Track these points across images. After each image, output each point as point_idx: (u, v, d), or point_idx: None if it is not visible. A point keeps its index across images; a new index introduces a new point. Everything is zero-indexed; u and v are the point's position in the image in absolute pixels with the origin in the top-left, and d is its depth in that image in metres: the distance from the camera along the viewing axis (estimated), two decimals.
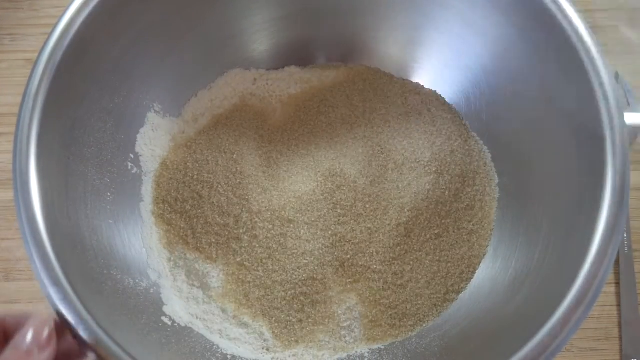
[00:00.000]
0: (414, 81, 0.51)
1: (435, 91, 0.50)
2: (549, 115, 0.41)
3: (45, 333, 0.29)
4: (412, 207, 0.44)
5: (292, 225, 0.44)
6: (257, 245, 0.43)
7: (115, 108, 0.42)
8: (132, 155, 0.44)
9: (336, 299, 0.43)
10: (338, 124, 0.48)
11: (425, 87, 0.51)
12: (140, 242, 0.43)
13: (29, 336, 0.29)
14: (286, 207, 0.44)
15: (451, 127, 0.48)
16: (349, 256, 0.44)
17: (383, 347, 0.42)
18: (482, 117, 0.48)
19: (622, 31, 0.56)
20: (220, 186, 0.45)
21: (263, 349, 0.41)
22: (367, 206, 0.45)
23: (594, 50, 0.37)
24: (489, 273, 0.44)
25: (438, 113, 0.49)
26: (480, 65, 0.46)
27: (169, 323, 0.40)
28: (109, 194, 0.41)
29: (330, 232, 0.44)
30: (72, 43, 0.36)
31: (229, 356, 0.40)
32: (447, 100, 0.50)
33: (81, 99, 0.38)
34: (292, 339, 0.42)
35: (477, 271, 0.44)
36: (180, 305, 0.42)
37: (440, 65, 0.49)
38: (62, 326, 0.31)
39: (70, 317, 0.31)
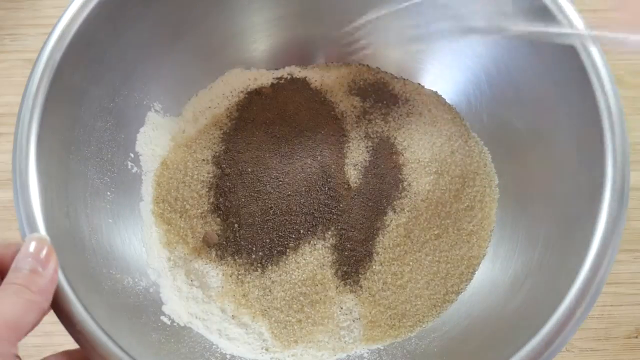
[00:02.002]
0: (414, 81, 0.51)
1: (436, 91, 0.50)
2: (550, 116, 0.41)
3: (44, 250, 0.29)
4: (412, 208, 0.44)
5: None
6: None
7: (116, 107, 0.42)
8: (132, 155, 0.44)
9: (335, 299, 0.43)
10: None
11: (425, 87, 0.50)
12: (140, 241, 0.43)
13: (29, 256, 0.28)
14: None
15: (451, 128, 0.48)
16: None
17: (382, 348, 0.42)
18: (482, 117, 0.48)
19: None
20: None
21: (262, 348, 0.41)
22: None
23: (594, 50, 0.37)
24: (489, 274, 0.44)
25: (438, 113, 0.49)
26: (481, 66, 0.46)
27: (168, 322, 0.40)
28: (108, 193, 0.41)
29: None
30: (72, 43, 0.36)
31: (228, 356, 0.40)
32: (447, 100, 0.50)
33: (81, 98, 0.38)
34: (291, 339, 0.42)
35: (476, 272, 0.44)
36: (179, 305, 0.42)
37: (441, 66, 0.49)
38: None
39: (69, 317, 0.31)
